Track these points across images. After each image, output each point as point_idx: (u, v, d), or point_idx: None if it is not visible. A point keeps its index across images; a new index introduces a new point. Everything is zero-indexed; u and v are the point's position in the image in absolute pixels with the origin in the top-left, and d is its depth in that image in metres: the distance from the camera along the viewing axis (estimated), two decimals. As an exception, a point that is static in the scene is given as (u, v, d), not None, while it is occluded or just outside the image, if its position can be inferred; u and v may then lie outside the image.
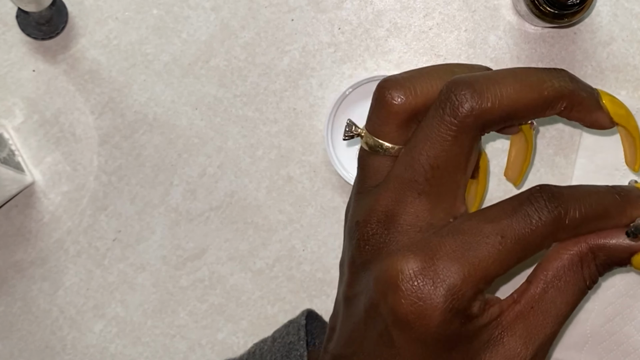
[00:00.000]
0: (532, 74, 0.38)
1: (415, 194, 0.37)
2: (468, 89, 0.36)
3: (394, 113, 0.38)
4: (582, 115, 0.39)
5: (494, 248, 0.35)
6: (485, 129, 0.37)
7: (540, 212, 0.36)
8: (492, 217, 0.36)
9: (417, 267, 0.35)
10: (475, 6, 0.61)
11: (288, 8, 0.61)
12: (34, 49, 0.60)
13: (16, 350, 0.60)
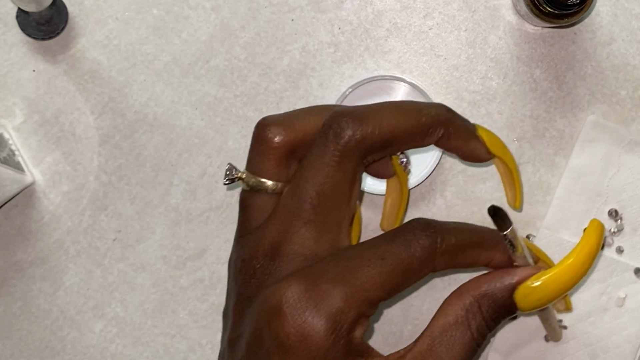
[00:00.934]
0: (410, 104, 0.40)
1: (301, 223, 0.37)
2: (349, 117, 0.38)
3: (273, 149, 0.39)
4: (459, 143, 0.41)
5: (375, 271, 0.36)
6: (367, 155, 0.38)
7: (418, 237, 0.37)
8: (373, 244, 0.37)
9: (300, 292, 0.35)
10: (475, 6, 0.61)
11: (288, 8, 0.61)
12: (34, 49, 0.60)
13: (16, 350, 0.60)
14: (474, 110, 0.61)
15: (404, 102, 0.41)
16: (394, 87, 0.60)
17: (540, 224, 0.60)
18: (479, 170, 0.60)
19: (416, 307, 0.60)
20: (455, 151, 0.41)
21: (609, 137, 0.59)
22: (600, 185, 0.59)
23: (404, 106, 0.40)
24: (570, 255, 0.40)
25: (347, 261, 0.36)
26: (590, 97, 0.61)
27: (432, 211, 0.60)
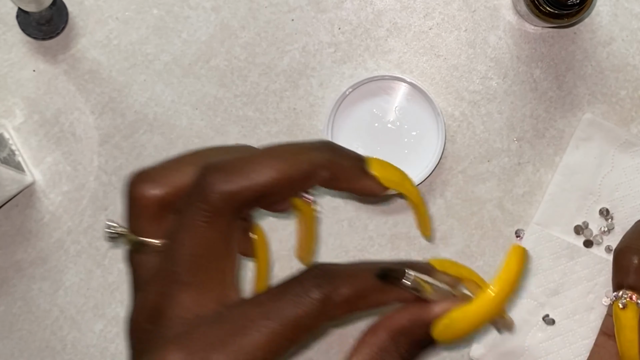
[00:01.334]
0: (287, 150, 0.38)
1: (179, 285, 0.36)
2: (217, 173, 0.36)
3: (145, 207, 0.38)
4: (348, 184, 0.39)
5: (258, 332, 0.34)
6: (241, 210, 0.37)
7: (307, 291, 0.35)
8: (260, 301, 0.35)
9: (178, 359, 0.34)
10: (475, 6, 0.61)
11: (288, 8, 0.61)
12: (34, 49, 0.60)
13: (16, 350, 0.60)
14: (474, 110, 0.61)
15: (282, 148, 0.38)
16: (394, 87, 0.60)
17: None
18: (479, 171, 0.60)
19: (416, 307, 0.60)
20: (346, 191, 0.40)
21: (604, 136, 0.60)
22: (593, 183, 0.59)
23: (280, 154, 0.37)
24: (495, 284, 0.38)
25: (230, 323, 0.35)
26: (590, 97, 0.61)
27: (432, 211, 0.60)
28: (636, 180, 0.60)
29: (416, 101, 0.59)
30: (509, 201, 0.60)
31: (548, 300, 0.59)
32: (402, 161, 0.60)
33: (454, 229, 0.60)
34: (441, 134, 0.59)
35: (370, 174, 0.40)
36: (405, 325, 0.37)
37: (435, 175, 0.60)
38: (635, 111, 0.60)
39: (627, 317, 0.48)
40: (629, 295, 0.47)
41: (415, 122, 0.59)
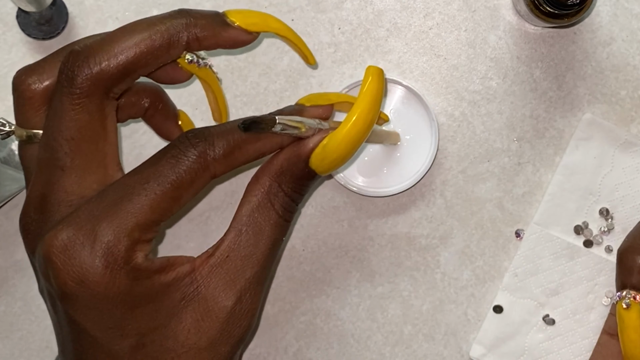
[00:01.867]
0: (142, 23, 0.38)
1: (59, 171, 0.37)
2: (79, 56, 0.36)
3: (28, 99, 0.39)
4: (213, 40, 0.40)
5: (140, 196, 0.35)
6: (110, 88, 0.37)
7: (184, 151, 0.36)
8: (138, 170, 0.37)
9: (67, 237, 0.34)
10: (475, 6, 0.61)
11: (288, 8, 0.61)
12: (34, 49, 0.60)
13: (16, 350, 0.60)
14: (474, 110, 0.61)
15: (138, 22, 0.38)
16: (391, 89, 0.60)
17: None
18: (479, 171, 0.60)
19: (416, 307, 0.60)
20: (217, 47, 0.40)
21: (604, 136, 0.60)
22: (593, 183, 0.59)
23: (136, 28, 0.38)
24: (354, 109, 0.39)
25: (112, 195, 0.36)
26: (590, 97, 0.61)
27: (432, 211, 0.60)
28: (636, 180, 0.60)
29: (412, 105, 0.59)
30: (509, 201, 0.60)
31: (548, 300, 0.59)
32: (393, 164, 0.60)
33: (454, 229, 0.60)
34: (434, 140, 0.59)
35: (231, 24, 0.40)
36: (283, 164, 0.39)
37: (435, 175, 0.60)
38: (635, 111, 0.60)
39: (631, 318, 0.48)
40: (632, 296, 0.48)
41: (409, 126, 0.59)
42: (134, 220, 0.35)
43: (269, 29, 0.42)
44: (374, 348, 0.60)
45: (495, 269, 0.60)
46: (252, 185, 0.40)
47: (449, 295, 0.60)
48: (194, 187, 0.37)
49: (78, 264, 0.34)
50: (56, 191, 0.37)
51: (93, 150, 0.37)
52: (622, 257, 0.47)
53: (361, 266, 0.60)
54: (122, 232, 0.35)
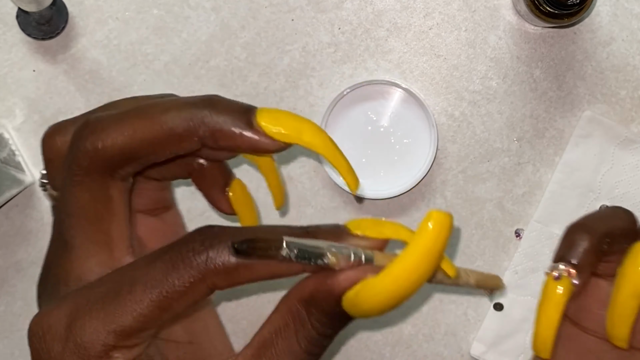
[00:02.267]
0: (156, 106, 0.34)
1: (63, 246, 0.35)
2: (85, 130, 0.34)
3: (48, 160, 0.37)
4: (230, 142, 0.34)
5: (124, 299, 0.31)
6: (113, 170, 0.34)
7: (183, 257, 0.32)
8: (136, 264, 0.33)
9: (47, 324, 0.32)
10: (475, 6, 0.61)
11: (288, 8, 0.61)
12: (34, 49, 0.60)
13: (17, 350, 0.60)
14: (474, 110, 0.61)
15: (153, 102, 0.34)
16: (392, 92, 0.60)
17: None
18: (479, 171, 0.60)
19: (416, 307, 0.60)
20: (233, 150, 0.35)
21: (604, 133, 0.60)
22: (593, 181, 0.60)
23: (148, 111, 0.34)
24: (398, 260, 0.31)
25: (103, 287, 0.32)
26: (590, 97, 0.61)
27: (432, 211, 0.60)
28: (636, 178, 0.60)
29: (412, 109, 0.59)
30: (509, 201, 0.60)
31: None
32: (390, 167, 0.60)
33: (454, 229, 0.60)
34: (433, 145, 0.59)
35: (255, 128, 0.35)
36: (313, 293, 0.32)
37: (435, 175, 0.60)
38: (635, 111, 0.60)
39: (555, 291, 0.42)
40: (566, 269, 0.41)
41: (408, 129, 0.59)
42: (112, 326, 0.31)
43: (302, 142, 0.35)
44: (374, 348, 0.60)
45: (495, 268, 0.60)
46: (282, 303, 0.34)
47: (449, 295, 0.60)
48: (187, 298, 0.32)
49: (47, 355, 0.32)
50: (57, 266, 0.35)
51: (96, 231, 0.35)
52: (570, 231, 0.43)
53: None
54: (95, 336, 0.31)
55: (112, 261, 0.35)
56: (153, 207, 0.42)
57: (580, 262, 0.40)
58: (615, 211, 0.44)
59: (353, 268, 0.32)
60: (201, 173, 0.40)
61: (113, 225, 0.35)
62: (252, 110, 0.35)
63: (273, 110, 0.35)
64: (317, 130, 0.35)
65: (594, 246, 0.41)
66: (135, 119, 0.34)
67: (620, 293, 0.39)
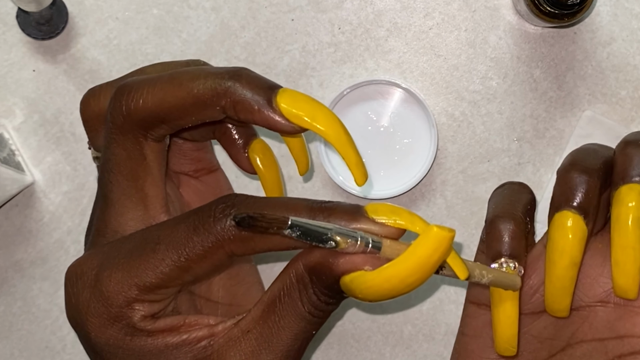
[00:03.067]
0: (187, 73, 0.35)
1: (102, 200, 0.37)
2: (124, 90, 0.35)
3: (85, 121, 0.39)
4: (249, 116, 0.35)
5: (147, 256, 0.33)
6: (145, 130, 0.36)
7: (203, 222, 0.33)
8: (164, 225, 0.34)
9: (80, 271, 0.34)
10: (475, 6, 0.61)
11: (288, 8, 0.61)
12: (34, 49, 0.60)
13: (16, 350, 0.60)
14: (474, 110, 0.61)
15: (183, 71, 0.36)
16: (391, 91, 0.60)
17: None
18: (479, 171, 0.60)
19: (416, 307, 0.60)
20: (249, 122, 0.36)
21: (604, 133, 0.60)
22: None
23: (178, 76, 0.35)
24: (393, 263, 0.31)
25: (131, 243, 0.34)
26: (590, 97, 0.61)
27: (433, 211, 0.60)
28: (636, 180, 0.60)
29: (412, 109, 0.59)
30: (509, 201, 0.60)
31: None
32: (390, 167, 0.60)
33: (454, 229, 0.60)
34: (433, 145, 0.59)
35: (274, 107, 0.35)
36: (317, 266, 0.33)
37: (435, 175, 0.60)
38: (636, 111, 0.60)
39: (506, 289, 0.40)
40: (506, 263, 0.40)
41: (408, 129, 0.59)
42: (135, 280, 0.33)
43: (314, 128, 0.35)
44: (374, 348, 0.60)
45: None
46: (290, 265, 0.35)
47: (449, 295, 0.60)
48: (206, 262, 0.33)
49: (77, 299, 0.34)
50: (99, 219, 0.37)
51: (131, 187, 0.36)
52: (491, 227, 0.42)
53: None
54: (119, 288, 0.33)
55: (147, 218, 0.37)
56: (195, 168, 0.43)
57: (514, 250, 0.40)
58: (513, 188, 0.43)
59: (356, 254, 0.32)
60: (224, 132, 0.42)
61: (147, 183, 0.37)
62: (275, 88, 0.36)
63: (294, 93, 0.35)
64: (331, 119, 0.35)
65: (521, 230, 0.40)
66: (165, 84, 0.35)
67: (557, 266, 0.38)
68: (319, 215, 0.33)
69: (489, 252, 0.40)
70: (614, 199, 0.38)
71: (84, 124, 0.39)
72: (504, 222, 0.40)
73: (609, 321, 0.40)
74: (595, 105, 0.60)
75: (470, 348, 0.43)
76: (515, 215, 0.41)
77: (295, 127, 0.35)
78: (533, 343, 0.42)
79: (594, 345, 0.40)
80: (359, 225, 0.33)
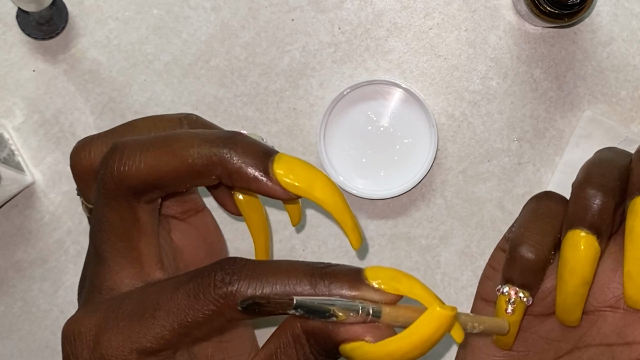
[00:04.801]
0: (183, 139, 0.35)
1: (96, 257, 0.36)
2: (115, 154, 0.35)
3: (76, 175, 0.38)
4: (244, 185, 0.35)
5: (147, 321, 0.33)
6: (137, 195, 0.35)
7: (204, 289, 0.33)
8: (160, 288, 0.34)
9: (78, 331, 0.34)
10: (475, 6, 0.61)
11: (288, 8, 0.61)
12: (34, 49, 0.60)
13: (16, 350, 0.60)
14: (474, 110, 0.61)
15: (179, 135, 0.35)
16: (391, 91, 0.60)
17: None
18: (479, 171, 0.60)
19: (416, 307, 0.60)
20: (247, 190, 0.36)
21: (605, 133, 0.60)
22: None
23: (172, 143, 0.35)
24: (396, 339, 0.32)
25: (130, 305, 0.34)
26: (590, 97, 0.61)
27: (433, 211, 0.60)
28: (636, 179, 0.60)
29: (412, 109, 0.59)
30: (509, 201, 0.60)
31: None
32: (390, 167, 0.60)
33: (454, 229, 0.60)
34: (433, 145, 0.59)
35: (270, 176, 0.35)
36: (315, 330, 0.33)
37: (435, 175, 0.60)
38: (636, 111, 0.60)
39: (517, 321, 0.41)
40: (518, 294, 0.40)
41: (408, 130, 0.59)
42: (134, 345, 0.33)
43: (312, 198, 0.35)
44: (374, 348, 0.60)
45: (495, 269, 0.60)
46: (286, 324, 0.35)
47: (449, 295, 0.60)
48: (207, 327, 0.33)
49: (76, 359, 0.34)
50: (94, 276, 0.37)
51: (126, 247, 0.36)
52: (511, 250, 0.42)
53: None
54: (119, 352, 0.33)
55: (142, 275, 0.36)
56: (182, 210, 0.43)
57: (530, 282, 0.40)
58: (535, 213, 0.42)
59: (357, 324, 0.33)
60: None
61: (142, 243, 0.36)
62: (270, 155, 0.35)
63: (290, 160, 0.35)
64: (328, 187, 0.36)
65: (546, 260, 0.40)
66: (158, 150, 0.35)
67: (568, 285, 0.38)
68: (320, 284, 0.33)
69: (504, 272, 0.41)
70: (629, 209, 0.38)
71: (75, 177, 0.38)
72: (526, 249, 0.41)
73: (617, 327, 0.40)
74: (595, 105, 0.60)
75: (477, 345, 0.43)
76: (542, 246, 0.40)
77: (292, 195, 0.35)
78: (540, 344, 0.42)
79: (601, 350, 0.40)
80: (360, 294, 0.33)
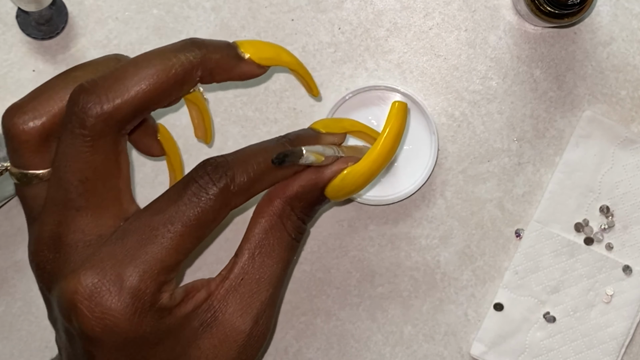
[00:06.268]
0: (154, 57, 0.36)
1: (73, 211, 0.36)
2: (89, 96, 0.35)
3: (24, 141, 0.37)
4: (225, 75, 0.39)
5: (165, 238, 0.35)
6: (123, 127, 0.36)
7: (206, 188, 0.35)
8: (159, 208, 0.36)
9: (92, 283, 0.34)
10: (475, 6, 0.61)
11: (288, 8, 0.61)
12: (34, 49, 0.60)
13: (16, 350, 0.60)
14: (474, 110, 0.61)
15: (148, 55, 0.36)
16: (392, 96, 0.59)
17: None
18: (479, 171, 0.60)
19: (416, 307, 0.60)
20: (227, 80, 0.39)
21: (604, 133, 0.60)
22: (593, 181, 0.60)
23: (149, 63, 0.36)
24: (376, 144, 0.41)
25: (135, 236, 0.35)
26: (590, 97, 0.61)
27: (433, 211, 0.60)
28: (636, 178, 0.60)
29: (413, 115, 0.59)
30: (509, 201, 0.60)
31: (549, 297, 0.59)
32: (390, 174, 0.60)
33: (454, 229, 0.60)
34: (433, 151, 0.59)
35: (244, 59, 0.39)
36: (299, 191, 0.40)
37: (435, 175, 0.60)
38: (636, 111, 0.61)
39: None
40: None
41: (409, 136, 0.59)
42: (160, 264, 0.35)
43: (281, 63, 0.42)
44: (374, 348, 0.60)
45: (495, 269, 0.60)
46: (264, 207, 0.40)
47: (449, 296, 0.60)
48: (215, 222, 0.36)
49: (106, 310, 0.34)
50: (72, 231, 0.36)
51: (108, 189, 0.37)
52: None
53: (361, 266, 0.60)
54: (148, 277, 0.34)
55: (122, 212, 0.37)
56: None
57: None
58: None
59: (336, 163, 0.41)
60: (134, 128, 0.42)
61: (121, 179, 0.37)
62: (234, 45, 0.40)
63: (252, 42, 0.41)
64: (290, 54, 0.43)
65: None
66: (139, 71, 0.36)
67: None
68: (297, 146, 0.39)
69: None
70: None
71: (16, 146, 0.37)
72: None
73: None
74: (595, 105, 0.60)
75: None
76: None
77: (266, 69, 0.40)
78: None
79: None
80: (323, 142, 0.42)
